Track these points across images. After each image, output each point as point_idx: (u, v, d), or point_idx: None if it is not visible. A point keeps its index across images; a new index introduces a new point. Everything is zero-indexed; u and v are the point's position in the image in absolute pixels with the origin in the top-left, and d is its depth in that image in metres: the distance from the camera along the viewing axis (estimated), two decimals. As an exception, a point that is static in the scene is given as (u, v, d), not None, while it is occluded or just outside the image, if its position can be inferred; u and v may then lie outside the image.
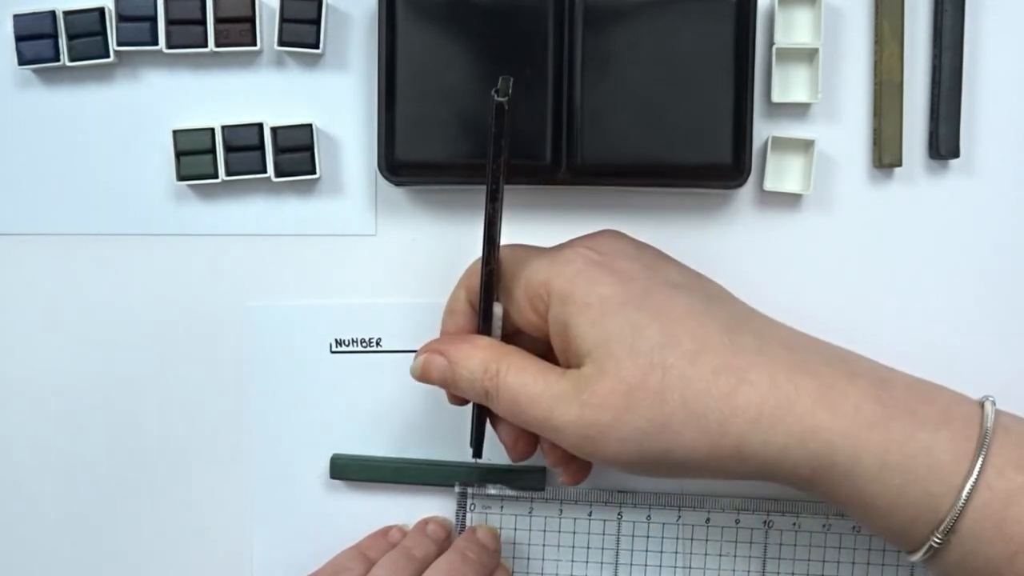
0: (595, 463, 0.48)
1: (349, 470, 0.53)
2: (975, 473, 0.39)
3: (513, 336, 0.46)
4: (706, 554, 0.52)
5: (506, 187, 0.51)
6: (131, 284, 0.53)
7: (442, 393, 0.47)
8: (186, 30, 0.51)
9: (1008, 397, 0.53)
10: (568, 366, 0.43)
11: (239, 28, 0.51)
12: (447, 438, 0.52)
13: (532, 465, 0.50)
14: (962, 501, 0.39)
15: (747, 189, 0.52)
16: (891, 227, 0.52)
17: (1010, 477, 0.39)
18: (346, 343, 0.52)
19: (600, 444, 0.41)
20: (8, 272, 0.53)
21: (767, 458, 0.41)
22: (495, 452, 0.49)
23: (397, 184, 0.50)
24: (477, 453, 0.48)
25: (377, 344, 0.52)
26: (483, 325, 0.45)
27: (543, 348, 0.45)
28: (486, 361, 0.44)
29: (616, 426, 0.41)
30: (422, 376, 0.45)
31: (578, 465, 0.48)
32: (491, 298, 0.45)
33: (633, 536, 0.52)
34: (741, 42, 0.49)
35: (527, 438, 0.47)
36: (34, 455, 0.53)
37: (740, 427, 0.40)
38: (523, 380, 0.43)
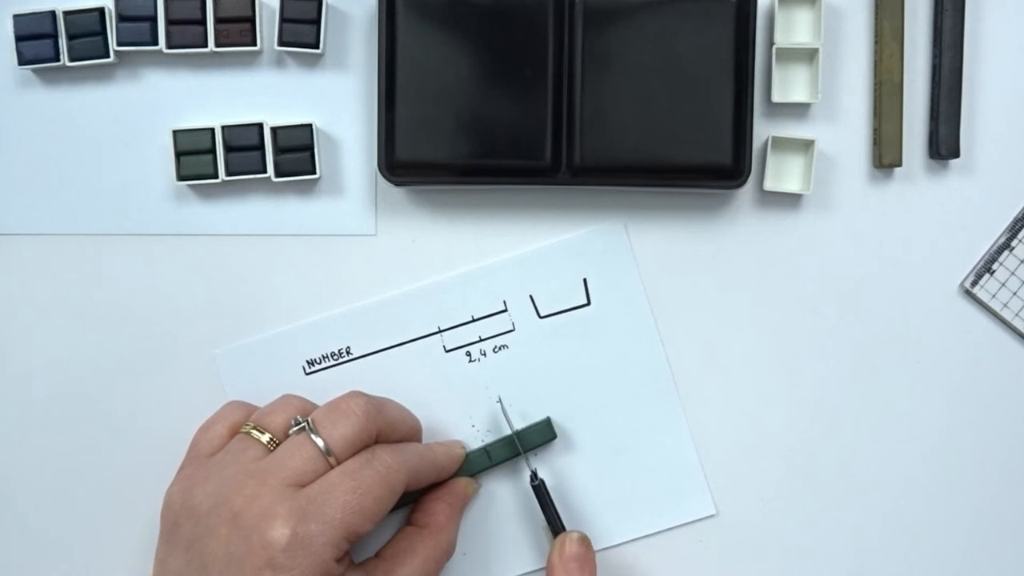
0: None
1: None
2: None
3: None
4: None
5: (506, 187, 0.51)
6: (131, 284, 0.53)
7: (417, 390, 0.52)
8: (186, 30, 0.51)
9: (1001, 387, 0.53)
10: None
11: (239, 28, 0.51)
12: (431, 434, 0.52)
13: (534, 423, 0.51)
14: None
15: (747, 189, 0.52)
16: (891, 227, 0.52)
17: None
18: (318, 361, 0.52)
19: None
20: (8, 272, 0.53)
21: None
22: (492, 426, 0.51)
23: (397, 184, 0.50)
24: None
25: (348, 353, 0.52)
26: None
27: None
28: None
29: None
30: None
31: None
32: None
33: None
34: (741, 42, 0.49)
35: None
36: (33, 453, 0.53)
37: None
38: None
